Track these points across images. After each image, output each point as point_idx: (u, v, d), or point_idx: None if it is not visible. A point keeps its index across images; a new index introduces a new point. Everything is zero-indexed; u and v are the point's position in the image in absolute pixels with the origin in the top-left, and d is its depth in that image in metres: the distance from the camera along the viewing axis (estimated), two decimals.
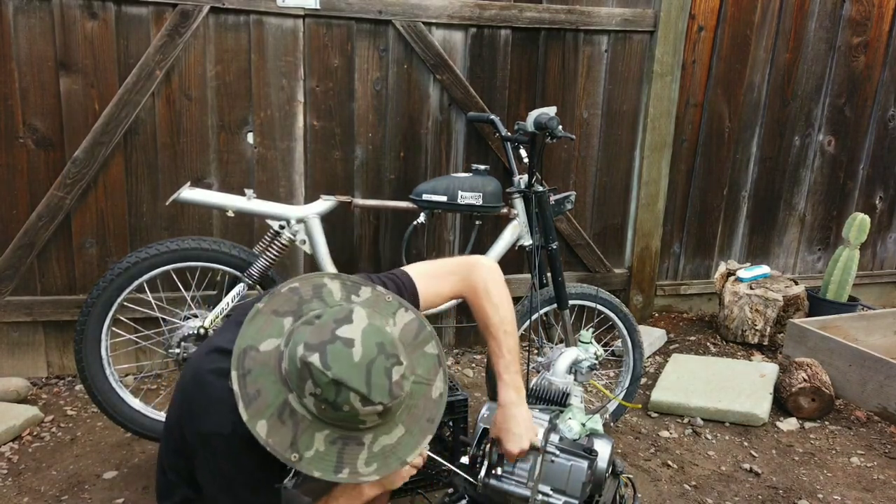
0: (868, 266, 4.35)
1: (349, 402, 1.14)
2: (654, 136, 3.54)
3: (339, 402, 1.14)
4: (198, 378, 1.32)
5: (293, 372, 1.17)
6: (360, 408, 1.15)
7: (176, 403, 1.39)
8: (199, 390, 1.31)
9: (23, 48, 2.65)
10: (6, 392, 2.71)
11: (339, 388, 1.14)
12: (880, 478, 2.54)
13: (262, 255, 2.41)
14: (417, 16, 3.02)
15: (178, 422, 1.36)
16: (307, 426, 1.18)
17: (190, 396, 1.32)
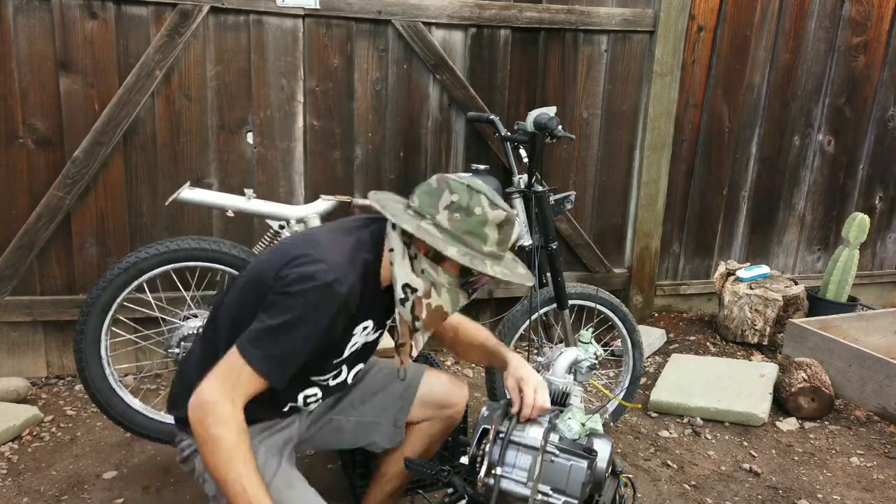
0: (868, 266, 4.35)
1: (480, 204, 1.42)
2: (653, 136, 3.54)
3: (471, 206, 1.42)
4: (311, 237, 1.51)
5: (427, 194, 1.46)
6: (489, 211, 1.42)
7: (270, 257, 1.49)
8: (311, 244, 1.46)
9: (23, 48, 2.65)
10: (6, 392, 2.71)
11: (471, 191, 1.43)
12: (880, 478, 2.55)
13: (262, 255, 2.41)
14: (417, 16, 3.02)
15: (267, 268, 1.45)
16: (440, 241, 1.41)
17: (296, 248, 1.45)
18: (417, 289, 1.46)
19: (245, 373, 1.38)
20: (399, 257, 1.47)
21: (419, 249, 1.47)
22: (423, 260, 1.47)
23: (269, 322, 1.38)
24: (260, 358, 1.38)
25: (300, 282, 1.37)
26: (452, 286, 1.49)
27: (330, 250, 1.44)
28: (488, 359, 1.86)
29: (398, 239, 1.48)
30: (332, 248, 1.45)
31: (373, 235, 1.54)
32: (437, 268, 1.47)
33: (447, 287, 1.48)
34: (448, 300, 1.49)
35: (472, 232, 1.43)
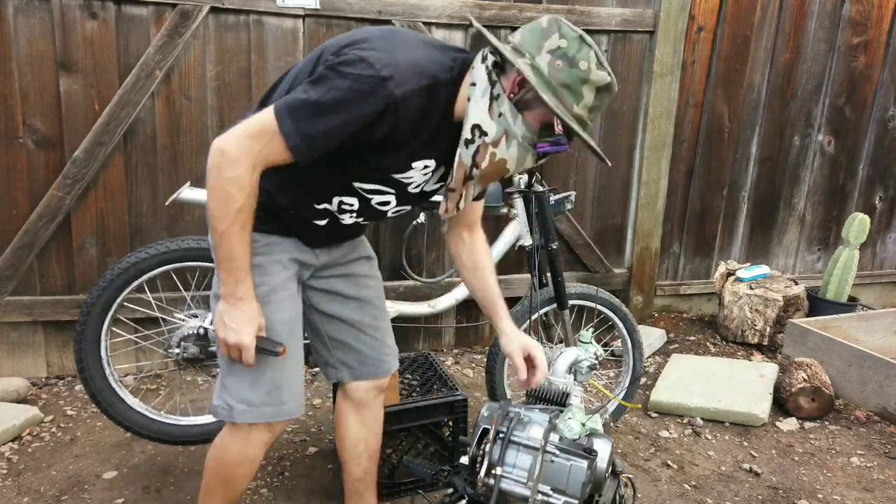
0: (868, 266, 4.36)
1: (587, 58, 1.31)
2: (654, 136, 3.54)
3: (578, 58, 1.30)
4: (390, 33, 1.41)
5: (532, 32, 1.34)
6: (594, 69, 1.31)
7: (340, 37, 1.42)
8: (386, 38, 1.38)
9: (23, 48, 2.65)
10: (6, 392, 2.71)
11: (582, 43, 1.31)
12: (880, 478, 2.55)
13: None
14: (417, 16, 3.02)
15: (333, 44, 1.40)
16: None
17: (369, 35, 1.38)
18: (488, 133, 1.36)
19: (275, 140, 1.33)
20: (479, 93, 1.36)
21: (504, 90, 1.36)
22: (504, 102, 1.36)
23: (311, 95, 1.31)
24: (291, 129, 1.32)
25: (356, 64, 1.29)
26: (525, 141, 1.39)
27: (402, 50, 1.34)
28: (488, 305, 1.80)
29: (484, 73, 1.36)
30: (405, 50, 1.35)
31: (456, 62, 1.41)
32: (517, 115, 1.36)
33: (519, 140, 1.38)
34: (515, 156, 1.39)
35: (570, 86, 1.32)
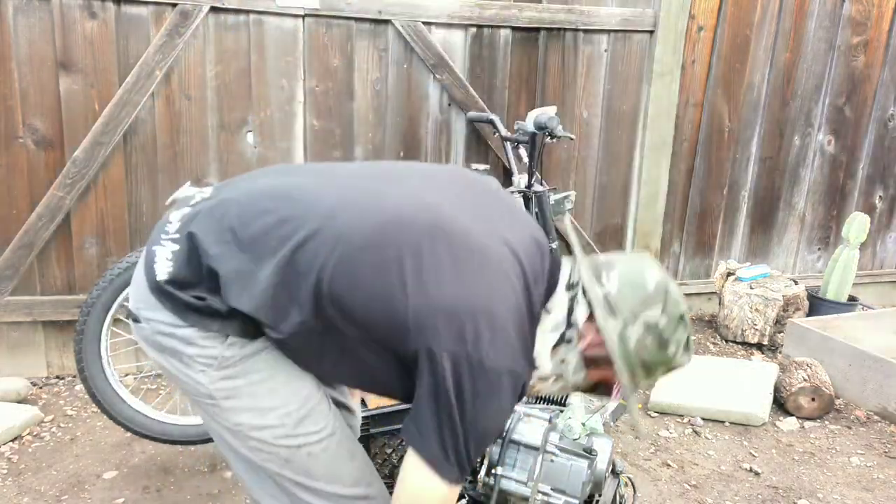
0: (868, 266, 4.35)
1: (678, 343, 1.16)
2: (654, 135, 3.54)
3: (669, 342, 1.16)
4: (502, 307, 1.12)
5: (636, 292, 1.15)
6: (680, 356, 1.18)
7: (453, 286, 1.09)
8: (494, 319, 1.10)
9: (23, 48, 2.65)
10: (6, 392, 2.71)
11: (679, 325, 1.16)
12: (880, 477, 2.54)
13: None
14: (417, 16, 3.02)
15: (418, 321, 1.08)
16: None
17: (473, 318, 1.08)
18: (540, 368, 1.21)
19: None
20: (549, 325, 1.21)
21: (580, 341, 1.21)
22: (573, 352, 1.21)
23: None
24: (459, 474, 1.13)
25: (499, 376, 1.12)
26: (570, 385, 1.26)
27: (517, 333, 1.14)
28: None
29: (565, 306, 1.21)
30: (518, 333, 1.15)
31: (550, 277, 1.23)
32: (580, 371, 1.23)
33: (565, 384, 1.25)
34: (551, 390, 1.28)
35: (649, 366, 1.19)
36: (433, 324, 1.06)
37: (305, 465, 1.22)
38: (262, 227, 1.15)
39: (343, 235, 1.10)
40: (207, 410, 1.24)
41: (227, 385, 1.17)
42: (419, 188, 1.21)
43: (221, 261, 1.14)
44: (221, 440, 1.28)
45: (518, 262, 1.15)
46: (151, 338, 1.23)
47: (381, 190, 1.20)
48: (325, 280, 1.09)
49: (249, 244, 1.14)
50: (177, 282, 1.17)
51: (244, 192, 1.24)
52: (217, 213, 1.21)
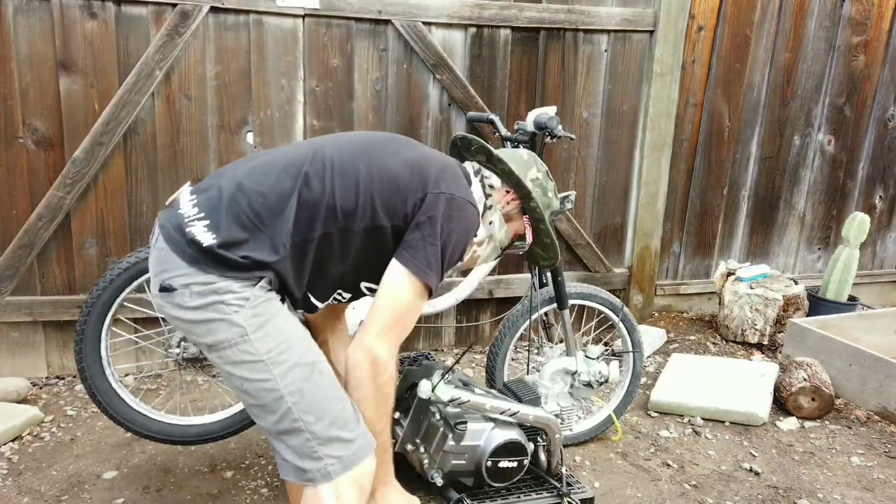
0: (868, 266, 4.35)
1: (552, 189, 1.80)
2: (653, 135, 3.54)
3: (547, 188, 1.79)
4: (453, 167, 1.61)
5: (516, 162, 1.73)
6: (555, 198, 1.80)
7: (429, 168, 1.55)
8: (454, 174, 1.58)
9: (23, 48, 2.65)
10: (6, 392, 2.71)
11: (549, 176, 1.81)
12: (880, 477, 2.54)
13: None
14: (417, 16, 3.02)
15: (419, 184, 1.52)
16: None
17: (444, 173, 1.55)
18: (478, 235, 1.60)
19: (420, 303, 1.50)
20: (476, 200, 1.60)
21: (498, 202, 1.69)
22: (496, 213, 1.68)
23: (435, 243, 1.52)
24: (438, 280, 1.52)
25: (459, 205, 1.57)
26: (499, 245, 1.71)
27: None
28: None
29: (478, 185, 1.66)
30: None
31: (464, 172, 1.66)
32: (504, 225, 1.70)
33: (495, 244, 1.69)
34: (487, 255, 1.69)
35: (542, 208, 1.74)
36: (424, 177, 1.50)
37: (316, 385, 1.44)
38: (273, 178, 1.47)
39: (336, 160, 1.50)
40: (237, 353, 1.41)
41: (256, 320, 1.40)
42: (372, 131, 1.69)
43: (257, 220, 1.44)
44: (246, 388, 1.43)
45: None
46: (188, 301, 1.41)
47: (348, 133, 1.66)
48: (335, 192, 1.46)
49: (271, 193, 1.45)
50: (227, 244, 1.41)
51: (240, 171, 1.51)
52: (230, 188, 1.47)
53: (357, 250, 1.51)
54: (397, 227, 1.50)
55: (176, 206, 1.50)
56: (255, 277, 1.42)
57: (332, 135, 1.62)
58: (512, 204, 1.71)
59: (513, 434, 1.81)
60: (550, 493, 1.92)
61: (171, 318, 1.46)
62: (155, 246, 1.48)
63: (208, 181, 1.53)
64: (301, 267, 1.48)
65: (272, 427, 1.43)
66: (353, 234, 1.49)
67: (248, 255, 1.41)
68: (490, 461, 1.79)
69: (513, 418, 1.84)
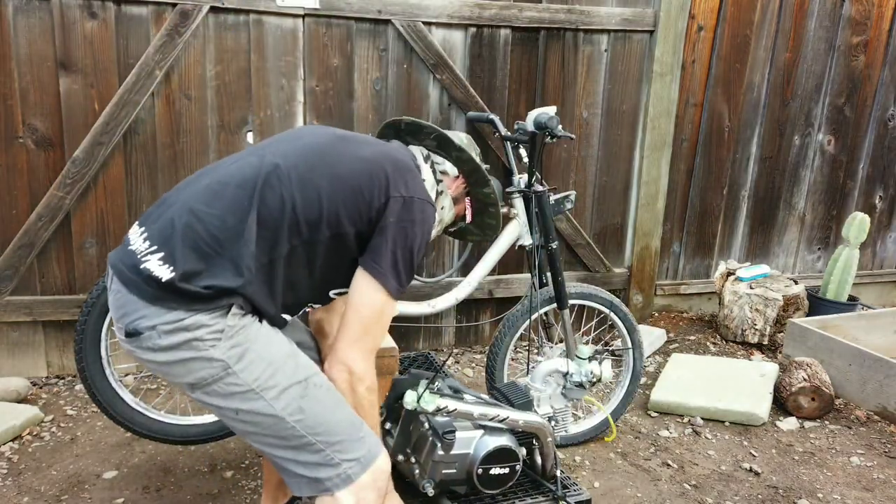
0: (868, 266, 4.35)
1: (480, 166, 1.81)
2: (653, 135, 3.54)
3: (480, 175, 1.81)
4: (409, 163, 1.60)
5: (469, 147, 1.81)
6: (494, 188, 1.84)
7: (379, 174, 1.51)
8: (410, 173, 1.57)
9: (22, 48, 2.65)
10: (6, 392, 2.71)
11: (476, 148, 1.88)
12: (880, 477, 2.54)
13: None
14: (417, 15, 3.02)
15: (379, 188, 1.49)
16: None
17: (401, 173, 1.54)
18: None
19: (388, 310, 1.50)
20: (428, 189, 1.66)
21: (449, 187, 1.75)
22: (447, 198, 1.74)
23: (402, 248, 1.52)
24: (400, 288, 1.51)
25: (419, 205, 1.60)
26: (443, 227, 1.81)
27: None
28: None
29: (430, 172, 1.70)
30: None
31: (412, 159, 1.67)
32: (452, 209, 1.77)
33: (442, 225, 1.77)
34: (433, 236, 1.69)
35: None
36: (382, 179, 1.48)
37: (314, 400, 1.41)
38: (228, 198, 1.39)
39: (292, 172, 1.44)
40: (222, 386, 1.36)
41: (236, 351, 1.35)
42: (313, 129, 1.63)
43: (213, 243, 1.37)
44: (240, 417, 1.38)
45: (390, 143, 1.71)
46: (158, 342, 1.33)
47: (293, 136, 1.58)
48: (296, 205, 1.41)
49: (228, 215, 1.38)
50: (186, 275, 1.33)
51: (188, 194, 1.44)
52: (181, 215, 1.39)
53: (322, 260, 1.47)
54: (361, 232, 1.48)
55: (126, 243, 1.43)
56: (224, 306, 1.35)
57: (277, 139, 1.56)
58: (460, 188, 1.78)
59: (502, 440, 1.80)
60: (546, 496, 1.91)
61: (145, 362, 1.38)
62: (111, 289, 1.41)
63: (155, 210, 1.45)
64: (271, 289, 1.43)
65: (276, 449, 1.40)
66: (318, 245, 1.45)
67: (210, 284, 1.33)
68: (481, 469, 1.77)
69: (502, 424, 1.83)
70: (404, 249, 1.47)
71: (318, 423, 1.39)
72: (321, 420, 1.40)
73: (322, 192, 1.43)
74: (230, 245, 1.36)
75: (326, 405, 1.42)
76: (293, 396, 1.38)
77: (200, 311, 1.32)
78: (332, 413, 1.42)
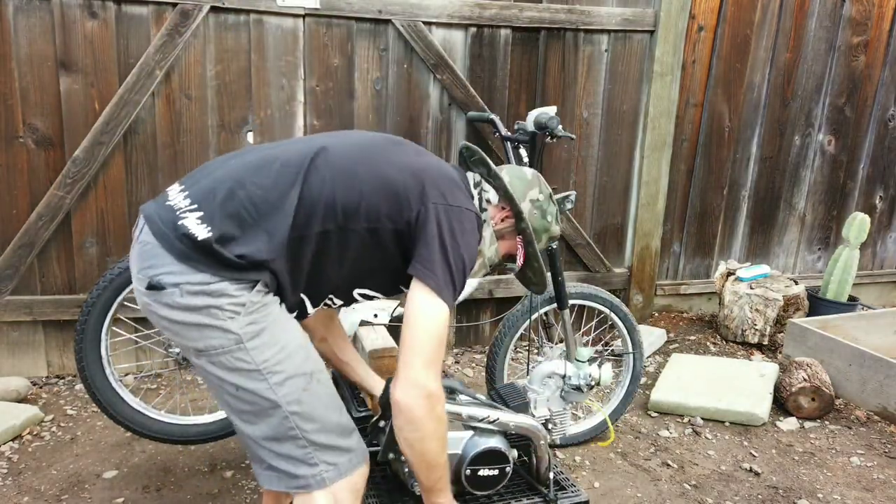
0: (868, 266, 4.35)
1: (553, 214, 1.72)
2: (654, 135, 3.54)
3: (547, 211, 1.70)
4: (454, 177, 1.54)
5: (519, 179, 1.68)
6: (554, 224, 1.73)
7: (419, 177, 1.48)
8: (455, 186, 1.51)
9: (23, 48, 2.65)
10: (6, 392, 2.71)
11: (551, 199, 1.71)
12: (880, 477, 2.55)
13: None
14: (417, 15, 3.02)
15: (418, 194, 1.45)
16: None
17: (443, 183, 1.49)
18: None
19: (447, 320, 1.43)
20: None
21: (492, 218, 1.64)
22: (488, 228, 1.63)
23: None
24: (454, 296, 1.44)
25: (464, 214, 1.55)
26: (488, 262, 1.66)
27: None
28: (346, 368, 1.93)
29: (476, 199, 1.61)
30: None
31: (465, 182, 1.60)
32: (495, 243, 1.65)
33: (483, 260, 1.64)
34: (476, 272, 1.60)
35: (538, 231, 1.68)
36: (423, 186, 1.44)
37: (315, 395, 1.41)
38: (274, 174, 1.40)
39: (337, 160, 1.44)
40: (230, 360, 1.35)
41: (252, 328, 1.35)
42: (370, 132, 1.63)
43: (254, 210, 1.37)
44: (238, 395, 1.38)
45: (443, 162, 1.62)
46: (178, 300, 1.33)
47: (347, 132, 1.59)
48: (336, 190, 1.40)
49: (271, 188, 1.38)
50: (223, 238, 1.33)
51: (234, 164, 1.45)
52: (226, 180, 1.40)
53: (356, 251, 1.45)
54: (400, 231, 1.44)
55: (164, 197, 1.42)
56: (251, 280, 1.35)
57: (332, 134, 1.58)
58: (506, 222, 1.65)
59: (492, 442, 1.80)
60: (542, 498, 1.91)
61: (158, 317, 1.37)
62: (139, 239, 1.39)
63: (198, 173, 1.46)
64: (298, 267, 1.41)
65: (262, 433, 1.39)
66: (353, 234, 1.42)
67: (243, 253, 1.33)
68: (469, 469, 1.77)
69: (492, 425, 1.83)
70: (456, 258, 1.42)
71: (312, 420, 1.39)
72: (315, 417, 1.39)
73: (363, 185, 1.42)
74: (269, 216, 1.36)
75: (325, 404, 1.42)
76: (296, 386, 1.37)
77: (227, 280, 1.32)
78: (327, 413, 1.41)
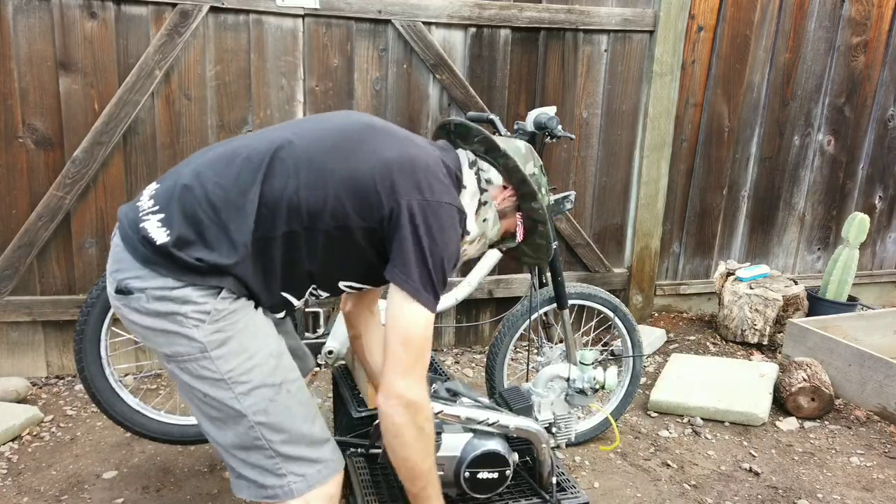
0: (867, 266, 4.36)
1: (545, 184, 1.62)
2: (653, 135, 3.54)
3: (541, 183, 1.59)
4: (432, 165, 1.43)
5: (518, 155, 1.55)
6: (546, 195, 1.61)
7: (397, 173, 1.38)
8: (433, 176, 1.40)
9: (22, 48, 2.65)
10: (6, 392, 2.71)
11: (543, 171, 1.62)
12: (880, 477, 2.55)
13: None
14: (417, 15, 3.02)
15: (389, 190, 1.36)
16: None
17: (418, 175, 1.38)
18: (469, 232, 1.50)
19: (430, 327, 1.36)
20: (468, 197, 1.51)
21: (495, 198, 1.54)
22: (491, 210, 1.54)
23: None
24: (435, 301, 1.37)
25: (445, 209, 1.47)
26: (489, 242, 1.58)
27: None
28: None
29: (473, 179, 1.52)
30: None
31: (454, 163, 1.52)
32: (497, 223, 1.56)
33: (486, 241, 1.57)
34: (476, 252, 1.58)
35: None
36: (395, 180, 1.34)
37: (283, 406, 1.37)
38: (235, 169, 1.34)
39: (304, 153, 1.35)
40: (196, 367, 1.32)
41: (217, 336, 1.31)
42: (348, 114, 1.50)
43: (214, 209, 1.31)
44: (206, 401, 1.35)
45: (429, 143, 1.52)
46: (145, 306, 1.31)
47: (322, 118, 1.48)
48: (300, 188, 1.32)
49: (231, 187, 1.32)
50: (180, 241, 1.29)
51: (200, 161, 1.39)
52: (187, 179, 1.35)
53: (328, 249, 1.37)
54: (371, 229, 1.36)
55: (137, 198, 1.40)
56: (214, 286, 1.30)
57: (308, 119, 1.47)
58: (508, 201, 1.56)
59: (491, 444, 1.80)
60: (542, 501, 1.91)
61: (129, 321, 1.35)
62: (112, 241, 1.38)
63: (176, 168, 1.41)
64: (268, 268, 1.35)
65: (229, 442, 1.36)
66: (321, 234, 1.35)
67: (202, 257, 1.28)
68: (468, 472, 1.77)
69: (492, 428, 1.83)
70: (434, 257, 1.33)
71: (279, 431, 1.35)
72: (283, 428, 1.36)
73: (330, 180, 1.33)
74: (228, 217, 1.30)
75: (293, 415, 1.37)
76: (262, 397, 1.34)
77: (189, 285, 1.28)
78: (295, 424, 1.37)
